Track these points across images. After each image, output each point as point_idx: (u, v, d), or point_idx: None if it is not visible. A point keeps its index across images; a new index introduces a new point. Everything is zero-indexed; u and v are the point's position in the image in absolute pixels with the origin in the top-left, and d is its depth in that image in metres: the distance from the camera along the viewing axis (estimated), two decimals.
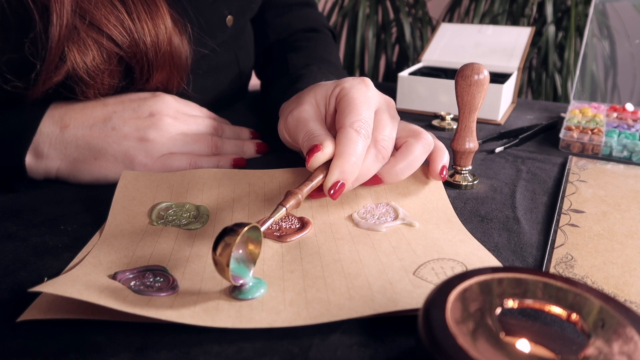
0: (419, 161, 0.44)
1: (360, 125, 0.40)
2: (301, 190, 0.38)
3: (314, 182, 0.39)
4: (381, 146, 0.41)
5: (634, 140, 0.57)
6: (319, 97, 0.45)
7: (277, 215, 0.35)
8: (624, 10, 0.80)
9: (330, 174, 0.39)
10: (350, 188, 0.40)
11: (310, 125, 0.43)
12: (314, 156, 0.39)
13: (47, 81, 0.44)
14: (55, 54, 0.44)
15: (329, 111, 0.45)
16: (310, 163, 0.40)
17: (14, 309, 0.29)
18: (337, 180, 0.38)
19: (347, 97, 0.42)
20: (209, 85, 0.64)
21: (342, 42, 1.88)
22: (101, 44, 0.46)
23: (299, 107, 0.45)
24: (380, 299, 0.30)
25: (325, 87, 0.45)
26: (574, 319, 0.24)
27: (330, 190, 0.39)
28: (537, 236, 0.40)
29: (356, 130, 0.40)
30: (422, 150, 0.43)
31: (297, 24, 0.75)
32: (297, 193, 0.37)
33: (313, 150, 0.40)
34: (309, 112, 0.44)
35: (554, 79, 1.64)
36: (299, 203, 0.37)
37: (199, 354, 0.27)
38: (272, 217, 0.35)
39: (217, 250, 0.30)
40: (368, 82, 0.44)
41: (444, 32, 0.88)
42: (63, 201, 0.45)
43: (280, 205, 0.36)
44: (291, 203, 0.36)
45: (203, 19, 0.57)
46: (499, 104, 0.69)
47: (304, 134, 0.42)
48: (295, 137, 0.45)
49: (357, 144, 0.39)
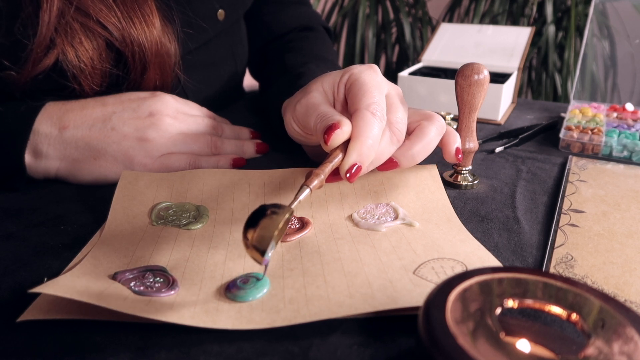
0: (434, 143, 0.43)
1: (375, 108, 0.39)
2: (323, 170, 0.37)
3: (333, 162, 0.38)
4: (396, 128, 0.41)
5: (634, 140, 0.57)
6: (327, 86, 0.44)
7: (302, 195, 0.35)
8: (624, 10, 0.80)
9: (348, 156, 0.38)
10: (366, 171, 0.40)
11: (321, 108, 0.42)
12: (333, 134, 0.38)
13: (36, 62, 0.45)
14: (46, 35, 0.44)
15: (337, 99, 0.44)
16: (330, 142, 0.38)
17: (14, 309, 0.29)
18: (354, 163, 0.38)
19: (358, 81, 0.41)
20: (206, 81, 0.64)
21: (342, 42, 1.89)
22: (88, 27, 0.47)
23: (307, 95, 0.44)
24: (381, 297, 0.30)
25: (332, 75, 0.45)
26: (574, 319, 0.24)
27: (347, 173, 0.38)
28: (537, 236, 0.40)
29: (372, 113, 0.39)
30: (436, 132, 0.43)
31: (292, 22, 0.75)
32: (319, 173, 0.36)
33: (331, 128, 0.38)
34: (318, 98, 0.43)
35: (554, 79, 1.64)
36: (322, 183, 0.36)
37: (199, 354, 0.27)
38: (298, 198, 0.35)
39: (250, 232, 0.29)
40: (376, 68, 0.44)
41: (444, 32, 0.88)
42: (63, 201, 0.45)
43: (305, 186, 0.35)
44: (315, 183, 0.36)
45: (193, 12, 0.57)
46: (499, 104, 0.69)
47: (316, 117, 0.41)
48: (306, 123, 0.43)
49: (373, 126, 0.38)
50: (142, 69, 0.51)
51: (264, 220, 0.30)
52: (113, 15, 0.48)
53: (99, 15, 0.47)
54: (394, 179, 0.46)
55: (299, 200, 0.34)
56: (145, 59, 0.50)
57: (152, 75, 0.52)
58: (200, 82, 0.62)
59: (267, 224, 0.29)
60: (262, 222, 0.29)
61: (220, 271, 0.33)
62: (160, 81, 0.54)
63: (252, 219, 0.30)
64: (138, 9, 0.49)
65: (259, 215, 0.30)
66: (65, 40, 0.46)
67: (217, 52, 0.66)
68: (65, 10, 0.46)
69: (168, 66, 0.53)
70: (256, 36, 0.76)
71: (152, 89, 0.53)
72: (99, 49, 0.48)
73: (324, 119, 0.40)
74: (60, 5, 0.45)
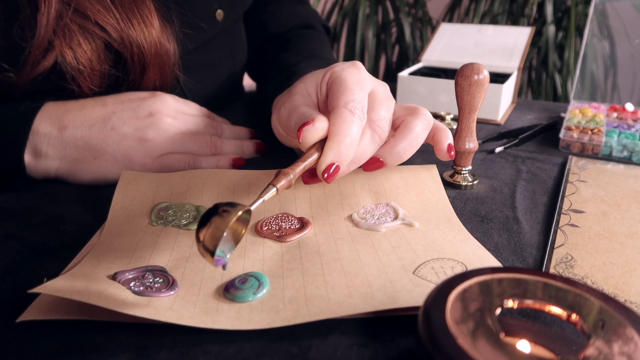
0: (421, 139, 0.42)
1: (354, 106, 0.38)
2: (293, 170, 0.36)
3: (306, 162, 0.37)
4: (377, 126, 0.40)
5: (634, 140, 0.57)
6: (310, 86, 0.44)
7: (267, 195, 0.34)
8: (624, 10, 0.80)
9: (324, 156, 0.37)
10: (345, 171, 0.39)
11: (301, 109, 0.41)
12: (304, 129, 0.37)
13: (35, 64, 0.45)
14: (44, 37, 0.44)
15: (320, 98, 0.43)
16: (302, 138, 0.37)
17: (14, 309, 0.29)
18: (332, 163, 0.37)
19: (338, 79, 0.41)
20: (205, 81, 0.64)
21: (342, 42, 1.89)
22: (87, 29, 0.47)
23: (290, 98, 0.43)
24: (380, 296, 0.30)
25: (314, 75, 0.44)
26: (574, 319, 0.24)
27: (324, 173, 0.37)
28: (537, 236, 0.40)
29: (350, 111, 0.38)
30: (422, 127, 0.42)
31: (290, 21, 0.75)
32: (288, 173, 0.35)
33: (304, 124, 0.37)
34: (300, 100, 0.43)
35: (554, 79, 1.64)
36: (290, 183, 0.35)
37: (199, 354, 0.27)
38: (262, 197, 0.34)
39: (202, 231, 0.28)
40: (359, 65, 0.42)
41: (444, 32, 0.88)
42: (63, 201, 0.45)
43: (271, 185, 0.34)
44: (282, 183, 0.35)
45: (192, 12, 0.57)
46: (499, 104, 0.69)
47: (296, 118, 0.40)
48: (288, 126, 0.42)
49: (351, 124, 0.37)
50: (141, 69, 0.51)
51: (215, 218, 0.28)
52: (111, 16, 0.48)
53: (97, 17, 0.47)
54: (394, 179, 0.46)
55: (263, 200, 0.33)
56: (145, 59, 0.50)
57: (151, 76, 0.52)
58: (199, 82, 0.62)
59: (218, 223, 0.28)
60: (213, 220, 0.28)
61: (220, 271, 0.33)
62: (159, 81, 0.54)
63: (204, 218, 0.29)
64: (136, 9, 0.49)
65: (211, 214, 0.29)
66: (63, 42, 0.46)
67: (216, 52, 0.66)
68: (63, 12, 0.46)
69: (167, 66, 0.53)
70: (254, 35, 0.76)
71: (152, 89, 0.53)
72: (98, 51, 0.48)
73: (301, 117, 0.39)
74: (58, 7, 0.45)
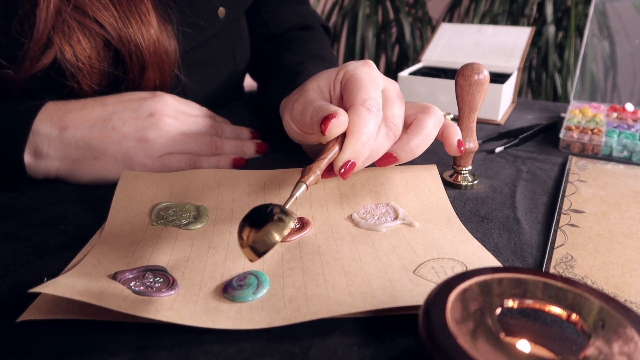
0: (432, 136, 0.43)
1: (371, 104, 0.39)
2: (318, 166, 0.37)
3: (330, 156, 0.38)
4: (392, 123, 0.41)
5: (634, 140, 0.57)
6: (322, 84, 0.44)
7: (298, 192, 0.35)
8: (624, 10, 0.80)
9: (342, 153, 0.38)
10: (361, 167, 0.40)
11: (317, 102, 0.41)
12: (330, 123, 0.37)
13: (34, 61, 0.45)
14: (43, 33, 0.44)
15: (334, 96, 0.44)
16: (327, 132, 0.37)
17: (14, 309, 0.29)
18: (349, 160, 0.38)
19: (353, 77, 0.41)
20: (205, 80, 0.64)
21: (342, 42, 1.89)
22: (86, 25, 0.47)
23: (304, 94, 0.44)
24: (380, 296, 0.30)
25: (327, 73, 0.44)
26: (574, 319, 0.24)
27: (341, 169, 0.38)
28: (537, 236, 0.40)
29: (367, 109, 0.39)
30: (434, 125, 0.43)
31: (290, 21, 0.75)
32: (315, 169, 0.36)
33: (328, 118, 0.38)
34: (314, 96, 0.43)
35: (554, 79, 1.64)
36: (318, 179, 0.36)
37: (199, 354, 0.27)
38: (295, 195, 0.34)
39: (254, 233, 0.28)
40: (371, 63, 0.43)
41: (444, 32, 0.88)
42: (63, 201, 0.45)
43: (301, 182, 0.35)
44: (311, 179, 0.36)
45: (193, 10, 0.57)
46: (499, 104, 0.69)
47: (312, 111, 0.41)
48: (303, 121, 0.43)
49: (368, 122, 0.38)
50: (140, 68, 0.51)
51: (271, 225, 0.29)
52: (110, 14, 0.48)
53: (96, 14, 0.47)
54: (394, 179, 0.46)
55: (296, 197, 0.34)
56: (143, 58, 0.50)
57: (151, 75, 0.52)
58: (199, 81, 0.62)
59: (271, 229, 0.29)
60: (267, 225, 0.29)
61: (220, 271, 0.33)
62: (159, 81, 0.54)
63: (253, 218, 0.29)
64: (134, 8, 0.49)
65: (263, 216, 0.29)
66: (62, 39, 0.46)
67: (216, 51, 0.66)
68: (62, 8, 0.46)
69: (167, 65, 0.53)
70: (254, 35, 0.76)
71: (152, 88, 0.53)
72: (97, 48, 0.48)
73: (320, 111, 0.39)
74: (57, 3, 0.45)
